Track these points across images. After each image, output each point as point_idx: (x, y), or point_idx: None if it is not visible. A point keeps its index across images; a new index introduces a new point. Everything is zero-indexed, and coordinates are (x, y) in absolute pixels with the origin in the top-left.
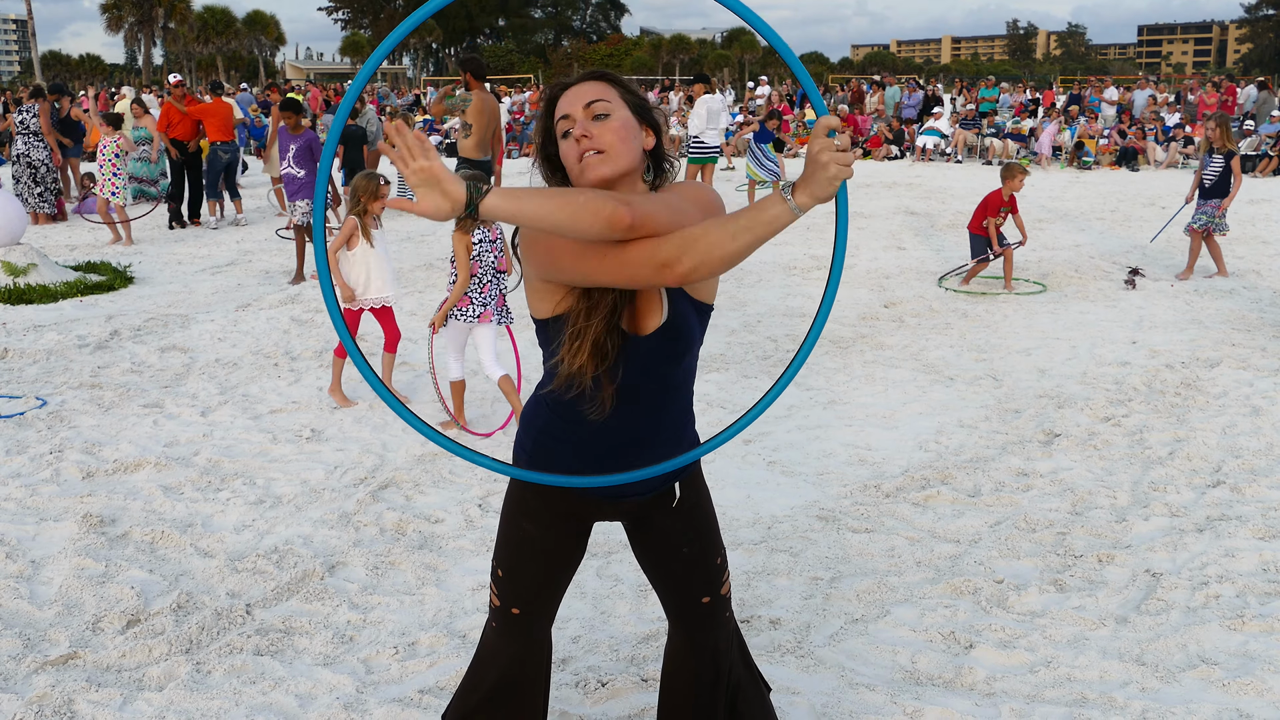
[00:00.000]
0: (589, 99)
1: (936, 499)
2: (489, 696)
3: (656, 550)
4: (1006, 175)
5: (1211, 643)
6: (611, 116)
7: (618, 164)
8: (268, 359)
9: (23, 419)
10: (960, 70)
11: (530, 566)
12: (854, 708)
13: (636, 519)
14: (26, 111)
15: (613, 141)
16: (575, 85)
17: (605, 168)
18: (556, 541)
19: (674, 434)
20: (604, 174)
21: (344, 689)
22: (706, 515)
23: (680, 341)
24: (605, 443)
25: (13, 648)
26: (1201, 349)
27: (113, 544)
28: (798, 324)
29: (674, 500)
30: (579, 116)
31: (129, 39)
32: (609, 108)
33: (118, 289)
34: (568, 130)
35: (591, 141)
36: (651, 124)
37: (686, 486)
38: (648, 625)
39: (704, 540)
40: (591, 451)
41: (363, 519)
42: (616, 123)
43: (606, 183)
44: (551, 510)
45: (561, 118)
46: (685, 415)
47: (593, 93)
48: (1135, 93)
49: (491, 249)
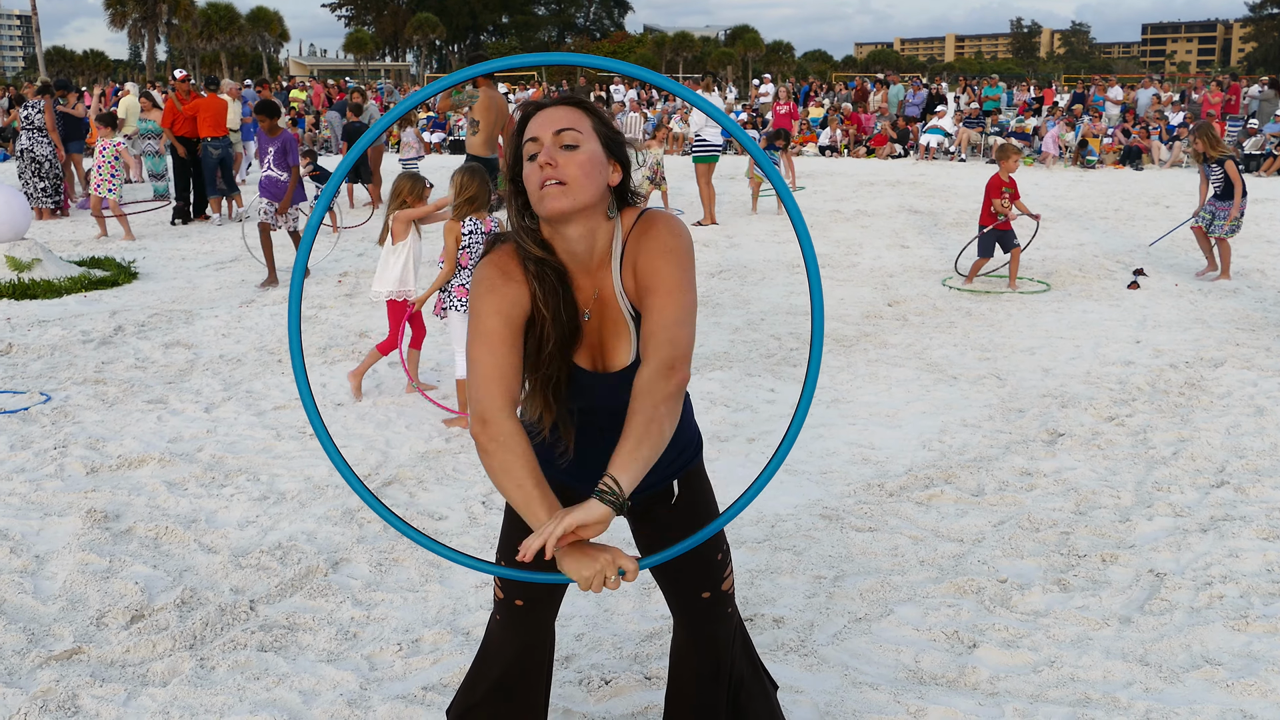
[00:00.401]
0: (560, 126)
1: (940, 498)
2: (493, 689)
3: (656, 545)
4: (1001, 156)
5: (1215, 643)
6: (580, 149)
7: (577, 199)
8: (271, 355)
9: (27, 414)
10: (964, 69)
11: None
12: (857, 706)
13: (638, 515)
14: (32, 107)
15: (576, 175)
16: (549, 109)
17: (564, 200)
18: None
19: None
20: (561, 207)
21: (348, 685)
22: (707, 511)
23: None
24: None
25: (17, 642)
26: (1205, 349)
27: (117, 539)
28: (801, 322)
29: (672, 498)
30: (547, 142)
31: (133, 35)
32: (579, 139)
33: (122, 284)
34: (534, 154)
35: (555, 171)
36: (620, 159)
37: (685, 484)
38: (651, 623)
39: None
40: (585, 474)
41: (366, 515)
42: (584, 155)
43: (563, 215)
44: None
45: (530, 139)
46: (681, 416)
47: (565, 120)
48: (1139, 92)
49: (484, 241)
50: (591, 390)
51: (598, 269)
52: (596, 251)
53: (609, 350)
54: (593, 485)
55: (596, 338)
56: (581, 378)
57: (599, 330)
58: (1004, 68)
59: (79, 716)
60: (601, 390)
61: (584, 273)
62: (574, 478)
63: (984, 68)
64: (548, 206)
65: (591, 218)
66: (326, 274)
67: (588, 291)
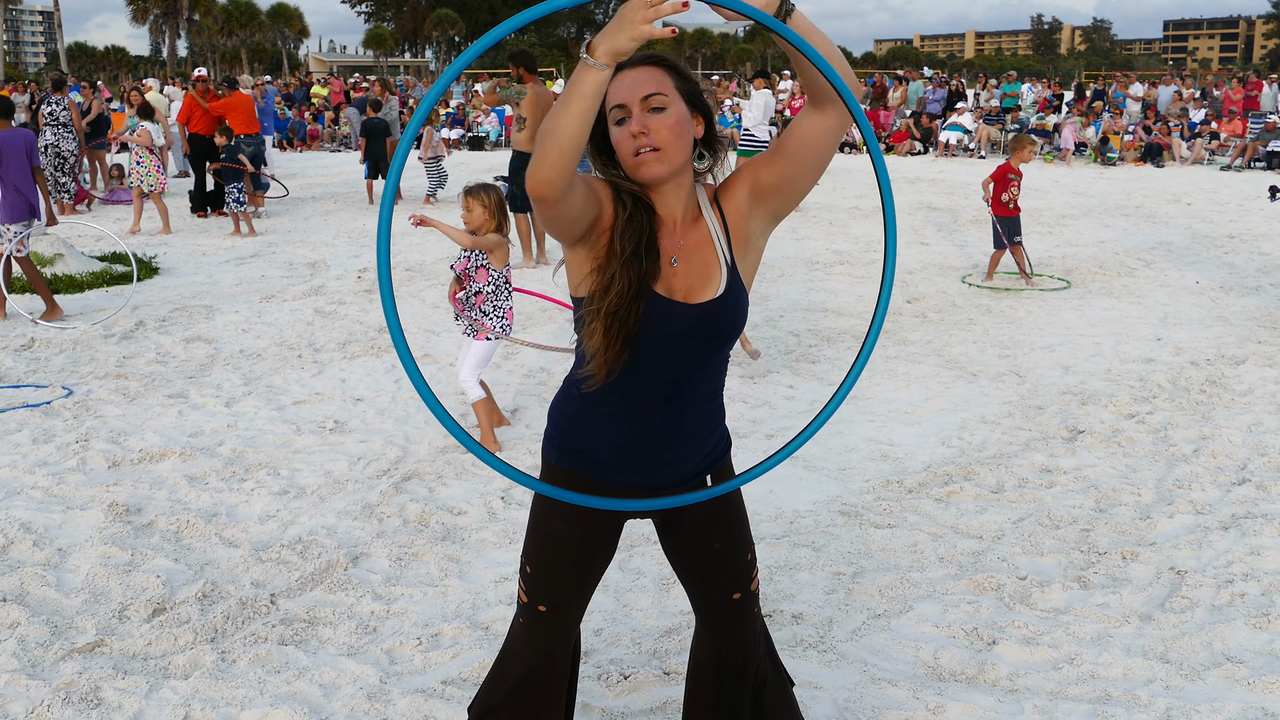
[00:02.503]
0: (646, 91)
1: (959, 495)
2: (513, 691)
3: (686, 546)
4: (1015, 146)
5: (1236, 641)
6: (668, 110)
7: (673, 162)
8: (291, 350)
9: (49, 408)
10: (984, 65)
11: (560, 563)
12: (876, 703)
13: (668, 515)
14: (56, 104)
15: (668, 139)
16: (630, 71)
17: (661, 166)
18: (587, 539)
19: (707, 429)
20: (659, 173)
21: (368, 679)
22: (737, 511)
23: (732, 317)
24: (637, 435)
25: (40, 635)
26: (1227, 346)
27: (138, 533)
28: (820, 319)
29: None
30: (635, 110)
31: (154, 31)
32: (665, 101)
33: (143, 279)
34: (621, 119)
35: (649, 139)
36: (703, 110)
37: (717, 479)
38: (670, 619)
39: (734, 536)
40: (623, 447)
41: (386, 510)
42: (672, 118)
43: (660, 180)
44: (581, 507)
45: (616, 105)
46: (718, 412)
47: (651, 84)
48: (1160, 88)
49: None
50: (667, 322)
51: (685, 217)
52: (686, 203)
53: (695, 289)
54: (626, 464)
55: (684, 281)
56: (660, 306)
57: (687, 274)
58: (1024, 64)
59: (101, 708)
60: (677, 323)
61: (672, 221)
62: (616, 468)
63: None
64: (645, 173)
65: (684, 173)
66: (346, 270)
67: (676, 238)
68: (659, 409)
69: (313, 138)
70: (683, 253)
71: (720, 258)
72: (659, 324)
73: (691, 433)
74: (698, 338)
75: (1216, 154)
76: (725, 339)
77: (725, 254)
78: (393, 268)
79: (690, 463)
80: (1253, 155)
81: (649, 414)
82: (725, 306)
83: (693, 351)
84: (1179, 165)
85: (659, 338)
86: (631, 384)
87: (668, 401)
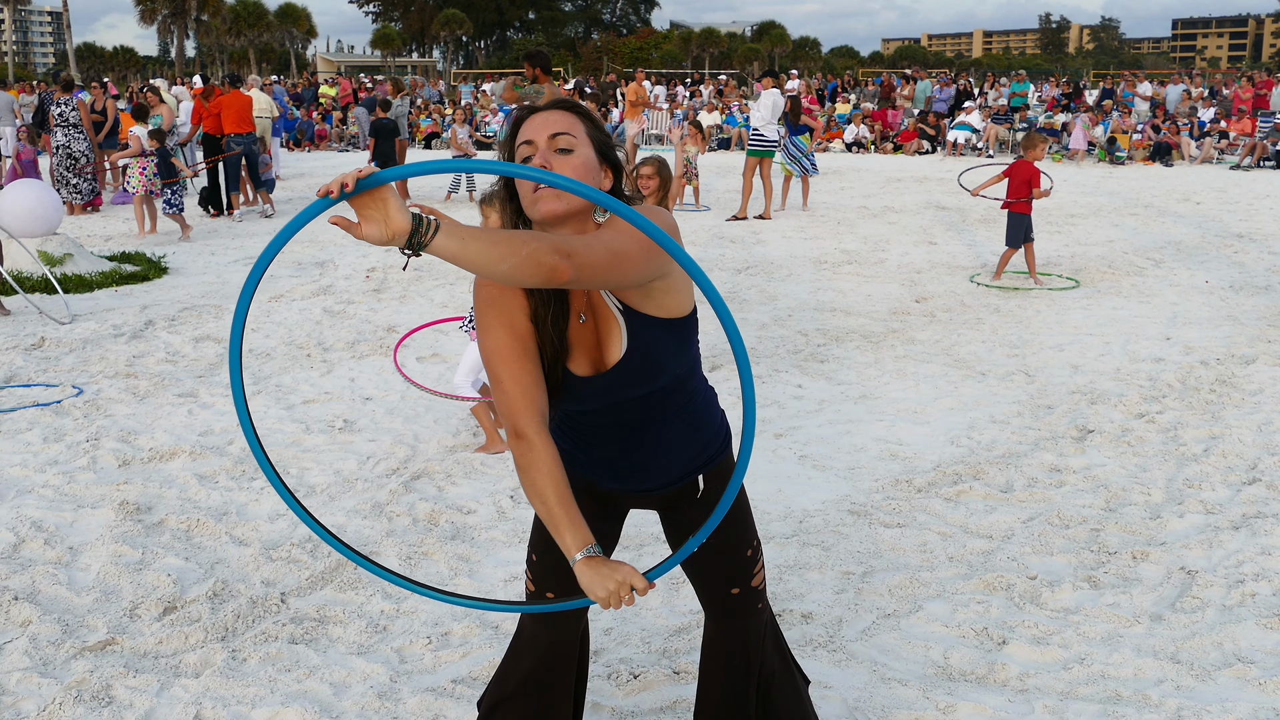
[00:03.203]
0: (555, 130)
1: (968, 494)
2: (523, 683)
3: (685, 540)
4: (1028, 145)
5: (1247, 641)
6: (574, 152)
7: (571, 202)
8: (300, 350)
9: (60, 407)
10: (991, 64)
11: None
12: (886, 702)
13: (666, 510)
14: (65, 105)
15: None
16: (543, 113)
17: (559, 203)
18: (589, 523)
19: (689, 432)
20: (556, 210)
21: (378, 678)
22: (737, 507)
23: (649, 364)
24: (618, 459)
25: (51, 633)
26: (1237, 345)
27: (149, 531)
28: (828, 318)
29: (698, 492)
30: (541, 146)
31: (162, 31)
32: (573, 143)
33: (152, 279)
34: (528, 156)
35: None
36: (612, 163)
37: (712, 478)
38: (680, 618)
39: (734, 532)
40: (609, 468)
41: (395, 509)
42: (578, 160)
43: (557, 218)
44: (578, 494)
45: (524, 142)
46: (700, 412)
47: (560, 124)
48: (1169, 87)
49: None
50: (589, 394)
51: None
52: None
53: (605, 349)
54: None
55: (593, 339)
56: (579, 385)
57: (595, 331)
58: (1032, 63)
59: (113, 707)
60: (598, 391)
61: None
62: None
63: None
64: (541, 210)
65: (583, 222)
66: (355, 269)
67: (580, 295)
68: (629, 434)
69: (320, 137)
70: (588, 307)
71: (613, 309)
72: (581, 394)
73: (669, 443)
74: (628, 389)
75: (1226, 153)
76: (656, 375)
77: (616, 303)
78: (405, 267)
79: (676, 466)
80: (1262, 154)
81: (621, 439)
82: (636, 358)
83: (633, 397)
84: (1188, 164)
85: (586, 404)
86: (598, 429)
87: (636, 428)
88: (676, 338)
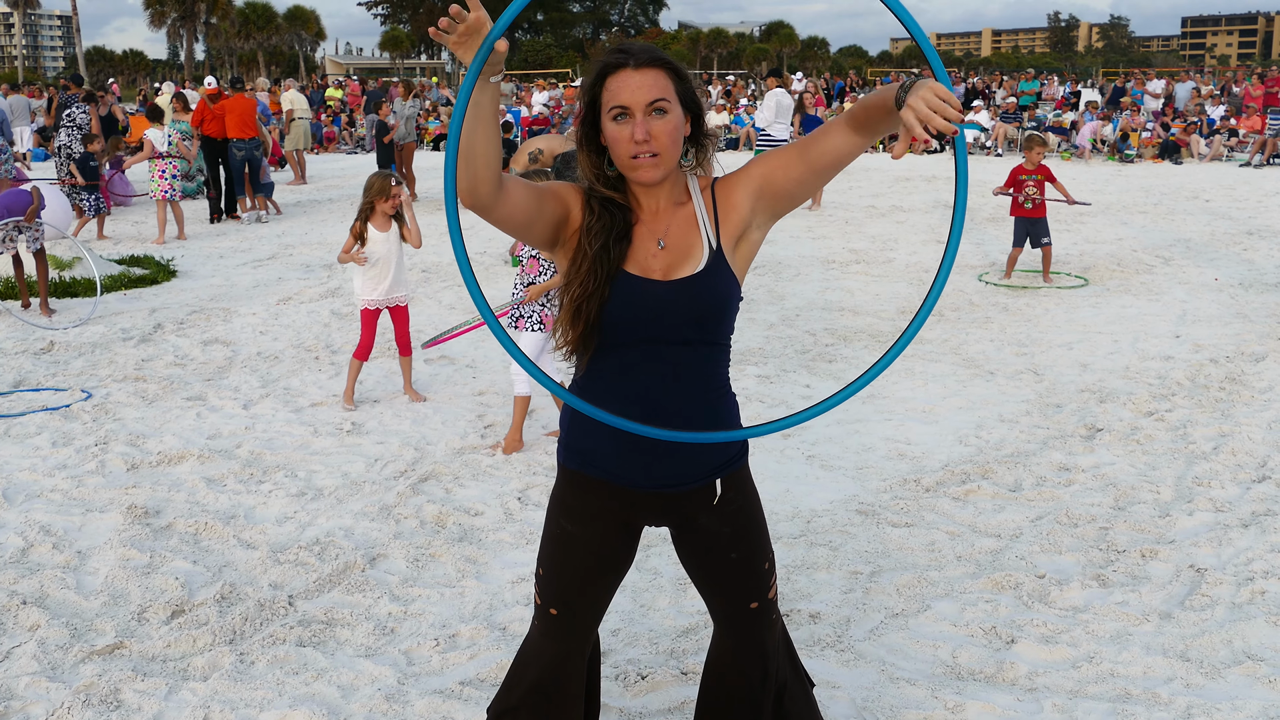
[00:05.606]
0: (652, 96)
1: (977, 493)
2: (530, 692)
3: (702, 555)
4: (1026, 147)
5: (1257, 639)
6: (669, 115)
7: (669, 166)
8: (308, 352)
9: (68, 411)
10: (1000, 63)
11: (569, 566)
12: (895, 702)
13: (681, 522)
14: (78, 108)
15: (667, 145)
16: (636, 72)
17: (658, 171)
18: (598, 541)
19: (711, 421)
20: (654, 178)
21: (385, 680)
22: (753, 518)
23: (706, 296)
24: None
25: (60, 637)
26: (1246, 343)
27: (157, 535)
28: (836, 318)
29: (714, 497)
30: (639, 115)
31: (171, 34)
32: (667, 105)
33: (160, 283)
34: (618, 114)
35: (649, 145)
36: (693, 109)
37: (730, 485)
38: (687, 619)
39: (751, 544)
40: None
41: (403, 511)
42: (672, 123)
43: (654, 184)
44: (590, 509)
45: (618, 107)
46: (724, 405)
47: (656, 89)
48: (1178, 85)
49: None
50: (643, 298)
51: (668, 203)
52: (669, 191)
53: (675, 267)
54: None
55: (664, 260)
56: (634, 284)
57: (669, 254)
58: (1041, 62)
59: (121, 710)
60: (654, 300)
61: (654, 209)
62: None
63: (1021, 62)
64: (642, 175)
65: (673, 171)
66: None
67: (661, 223)
68: (653, 393)
69: (329, 140)
70: (668, 236)
71: (704, 240)
72: (634, 301)
73: (691, 423)
74: (679, 313)
75: (1235, 150)
76: (707, 316)
77: (711, 238)
78: (408, 269)
79: (697, 460)
80: (1272, 151)
81: (644, 399)
82: (705, 282)
83: (676, 329)
84: (1197, 162)
85: (636, 314)
86: (625, 370)
87: (661, 385)
88: (733, 296)
